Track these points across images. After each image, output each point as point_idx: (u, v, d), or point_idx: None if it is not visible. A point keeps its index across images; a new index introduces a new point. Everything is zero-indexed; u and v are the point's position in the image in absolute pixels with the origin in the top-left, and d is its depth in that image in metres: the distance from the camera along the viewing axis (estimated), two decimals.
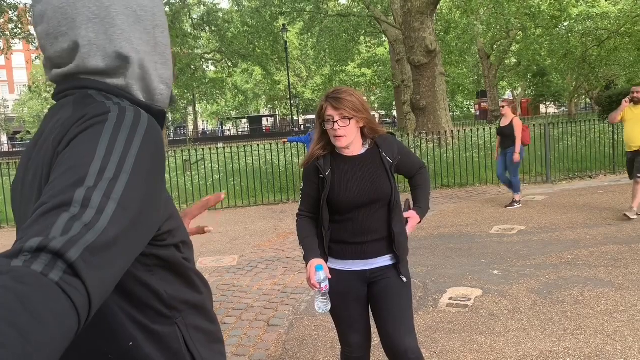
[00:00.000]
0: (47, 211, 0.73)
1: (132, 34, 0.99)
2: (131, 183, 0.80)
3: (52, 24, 0.97)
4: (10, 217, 10.22)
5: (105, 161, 0.80)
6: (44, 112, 54.25)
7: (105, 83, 0.98)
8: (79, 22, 0.96)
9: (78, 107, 0.93)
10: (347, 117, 2.34)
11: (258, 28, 26.47)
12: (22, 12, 21.56)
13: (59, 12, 0.96)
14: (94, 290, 0.68)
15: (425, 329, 3.96)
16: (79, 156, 0.81)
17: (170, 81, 1.05)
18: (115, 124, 0.86)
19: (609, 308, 4.11)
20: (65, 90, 1.00)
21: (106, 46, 0.97)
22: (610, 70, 35.75)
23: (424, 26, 14.42)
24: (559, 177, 11.22)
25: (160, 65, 1.03)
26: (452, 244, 6.44)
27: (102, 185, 0.77)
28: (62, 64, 1.00)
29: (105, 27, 0.96)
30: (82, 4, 0.96)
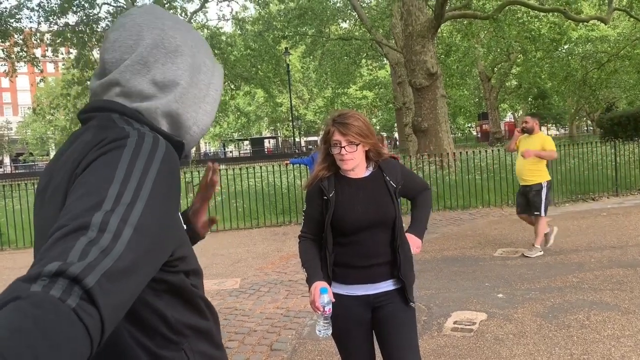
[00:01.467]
0: (65, 234, 0.74)
1: (188, 73, 1.05)
2: (148, 209, 0.81)
3: (125, 35, 1.03)
4: (12, 239, 10.19)
5: (123, 186, 0.81)
6: (47, 135, 54.60)
7: (131, 107, 1.01)
8: (145, 43, 1.02)
9: (99, 130, 0.96)
10: (354, 143, 2.35)
11: (261, 51, 26.73)
12: (27, 35, 21.82)
13: (137, 28, 1.03)
14: (108, 317, 0.69)
15: (430, 353, 3.92)
16: (97, 180, 0.83)
17: (205, 129, 1.10)
18: (134, 149, 0.87)
19: (616, 332, 4.06)
20: (90, 111, 1.03)
21: (155, 75, 1.02)
22: (611, 93, 35.97)
23: (425, 49, 14.55)
24: (561, 199, 11.19)
25: (203, 112, 1.08)
26: (455, 267, 6.39)
27: (119, 210, 0.78)
28: (107, 72, 1.04)
29: (165, 61, 1.03)
30: (170, 30, 1.05)
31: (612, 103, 38.49)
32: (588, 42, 28.80)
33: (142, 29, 1.03)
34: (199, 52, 1.09)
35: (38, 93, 49.48)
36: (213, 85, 1.10)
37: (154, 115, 1.02)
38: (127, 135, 0.90)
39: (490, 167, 11.87)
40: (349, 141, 2.34)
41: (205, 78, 1.09)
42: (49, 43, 22.22)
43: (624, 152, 12.41)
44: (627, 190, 11.81)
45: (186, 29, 1.09)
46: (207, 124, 1.09)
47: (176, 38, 1.05)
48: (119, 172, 0.83)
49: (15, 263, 8.48)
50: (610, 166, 12.03)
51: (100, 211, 0.77)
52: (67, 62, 24.63)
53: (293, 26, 25.11)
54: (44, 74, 23.76)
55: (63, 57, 24.89)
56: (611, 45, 28.06)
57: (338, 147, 2.36)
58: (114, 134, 0.92)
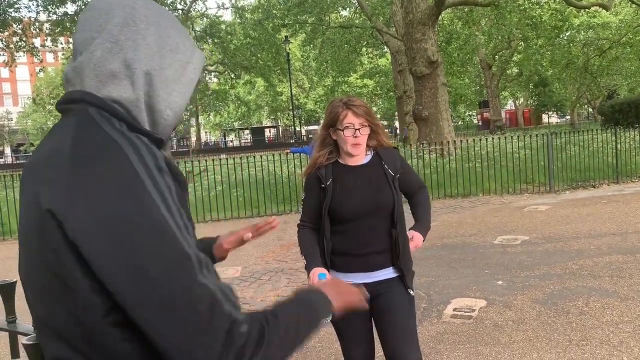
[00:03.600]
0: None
1: (159, 53, 1.00)
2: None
3: (95, 14, 0.99)
4: (14, 229, 10.23)
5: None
6: (47, 125, 54.51)
7: (108, 100, 0.96)
8: (115, 21, 0.98)
9: (77, 136, 0.92)
10: (365, 125, 2.38)
11: (261, 40, 26.65)
12: (26, 25, 21.74)
13: (107, 6, 0.99)
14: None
15: (429, 340, 3.94)
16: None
17: (179, 111, 1.04)
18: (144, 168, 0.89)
19: (615, 318, 4.09)
20: (66, 102, 0.98)
21: (127, 54, 0.97)
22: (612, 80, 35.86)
23: (425, 37, 14.49)
24: (562, 186, 11.19)
25: (177, 93, 1.02)
26: (455, 254, 6.42)
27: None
28: (78, 54, 0.99)
29: (136, 38, 0.98)
30: (141, 9, 1.00)
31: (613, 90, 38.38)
32: (589, 29, 28.66)
33: (112, 7, 0.99)
34: (174, 32, 1.04)
35: (38, 83, 49.38)
36: (191, 64, 1.05)
37: (137, 103, 0.97)
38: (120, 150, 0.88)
39: (490, 155, 11.87)
40: (362, 124, 2.37)
41: (181, 57, 1.03)
42: (48, 32, 22.15)
43: (624, 139, 12.39)
44: (627, 177, 11.80)
45: (159, 8, 1.05)
46: (181, 107, 1.03)
47: (148, 17, 1.00)
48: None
49: (16, 253, 8.49)
50: (611, 153, 12.02)
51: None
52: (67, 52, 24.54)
53: (293, 14, 25.00)
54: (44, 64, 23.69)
55: (62, 47, 24.79)
56: (613, 32, 27.93)
57: (351, 129, 2.37)
58: (93, 146, 0.89)
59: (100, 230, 0.83)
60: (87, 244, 0.84)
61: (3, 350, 4.18)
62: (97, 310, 0.86)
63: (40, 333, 0.96)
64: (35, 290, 0.93)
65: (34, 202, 0.90)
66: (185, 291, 0.83)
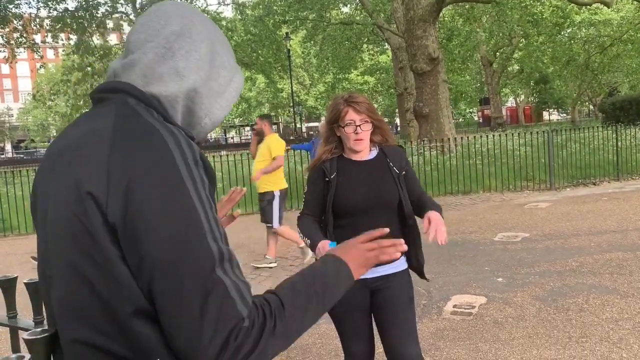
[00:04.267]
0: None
1: (209, 66, 1.06)
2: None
3: (154, 19, 1.05)
4: (14, 225, 10.24)
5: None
6: (48, 121, 54.51)
7: (148, 93, 1.00)
8: (171, 29, 1.03)
9: (120, 122, 0.95)
10: (367, 121, 2.38)
11: (261, 36, 26.57)
12: (27, 21, 21.70)
13: (165, 14, 1.05)
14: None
15: (429, 336, 3.95)
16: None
17: (216, 123, 1.09)
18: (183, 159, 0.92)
19: (614, 315, 4.09)
20: (105, 91, 1.02)
21: (178, 62, 1.02)
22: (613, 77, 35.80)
23: (426, 34, 14.46)
24: (562, 184, 11.19)
25: (219, 106, 1.08)
26: (456, 251, 6.42)
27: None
28: (130, 53, 1.04)
29: (189, 49, 1.03)
30: (198, 24, 1.06)
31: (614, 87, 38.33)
32: (591, 26, 28.60)
33: (170, 16, 1.04)
34: (222, 49, 1.11)
35: (38, 79, 49.33)
36: (234, 83, 1.11)
37: (174, 103, 1.01)
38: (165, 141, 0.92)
39: (491, 153, 11.86)
40: (363, 120, 2.38)
41: (226, 74, 1.10)
42: (49, 29, 22.12)
43: (625, 136, 12.38)
44: (628, 174, 11.80)
45: (213, 26, 1.12)
46: (220, 119, 1.09)
47: (202, 32, 1.06)
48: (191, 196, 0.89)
49: (17, 249, 8.52)
50: (612, 151, 12.01)
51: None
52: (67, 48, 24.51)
53: (294, 11, 24.95)
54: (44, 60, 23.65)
55: (63, 43, 24.77)
56: (614, 29, 27.87)
57: (353, 126, 2.38)
58: (139, 135, 0.93)
59: (135, 216, 0.86)
60: (121, 228, 0.87)
61: (3, 346, 4.19)
62: (130, 294, 0.88)
63: (59, 316, 0.97)
64: (61, 272, 0.95)
65: (72, 185, 0.92)
66: (201, 283, 0.86)
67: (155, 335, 0.90)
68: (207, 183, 0.94)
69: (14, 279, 1.62)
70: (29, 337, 1.01)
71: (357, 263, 1.12)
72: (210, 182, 0.96)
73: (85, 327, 0.92)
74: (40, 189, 1.03)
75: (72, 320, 0.94)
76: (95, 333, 0.92)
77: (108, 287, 0.89)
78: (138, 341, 0.90)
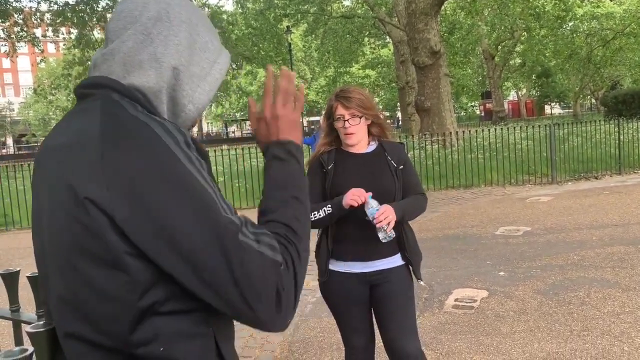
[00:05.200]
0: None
1: (189, 50, 1.04)
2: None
3: (131, 6, 1.03)
4: (16, 220, 10.25)
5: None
6: (49, 115, 54.51)
7: (130, 86, 0.99)
8: (149, 15, 1.02)
9: (105, 119, 0.94)
10: (357, 116, 2.38)
11: (262, 30, 26.50)
12: (27, 15, 21.64)
13: (143, 1, 1.03)
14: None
15: (430, 330, 3.96)
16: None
17: (201, 108, 1.07)
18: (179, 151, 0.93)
19: (616, 309, 4.09)
20: (88, 87, 1.01)
21: (157, 47, 1.00)
22: (616, 71, 35.67)
23: (428, 27, 14.40)
24: (564, 177, 11.18)
25: (202, 90, 1.06)
26: (457, 245, 6.42)
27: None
28: (110, 42, 1.03)
29: (168, 34, 1.02)
30: (176, 6, 1.04)
31: (616, 81, 38.20)
32: (593, 19, 28.47)
33: (148, 2, 1.03)
34: (204, 31, 1.08)
35: (39, 73, 49.31)
36: (218, 65, 1.09)
37: (158, 94, 1.00)
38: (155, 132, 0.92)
39: (493, 146, 11.84)
40: (352, 114, 2.38)
41: (209, 56, 1.07)
42: (49, 23, 22.06)
43: (627, 130, 12.35)
44: (630, 168, 11.78)
45: (192, 7, 1.09)
46: (204, 103, 1.07)
47: (182, 14, 1.04)
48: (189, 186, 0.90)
49: (19, 243, 8.54)
50: (614, 145, 11.98)
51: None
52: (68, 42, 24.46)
53: (295, 4, 24.89)
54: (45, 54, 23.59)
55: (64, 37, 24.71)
56: (616, 22, 27.74)
57: (342, 121, 2.39)
58: (126, 130, 0.92)
59: (147, 212, 0.86)
60: (129, 225, 0.87)
61: (6, 340, 4.20)
62: (135, 288, 0.89)
63: (57, 312, 0.98)
64: (60, 272, 0.95)
65: (66, 189, 0.91)
66: (232, 254, 0.88)
67: (162, 327, 0.91)
68: (204, 163, 0.95)
69: (17, 272, 1.62)
70: (32, 330, 1.02)
71: (294, 131, 1.12)
72: (206, 162, 0.97)
73: (83, 324, 0.93)
74: (35, 189, 1.03)
75: (70, 316, 0.95)
76: (93, 330, 0.92)
77: (114, 285, 0.89)
78: (140, 337, 0.91)
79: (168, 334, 0.92)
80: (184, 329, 0.94)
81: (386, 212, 2.25)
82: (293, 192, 1.05)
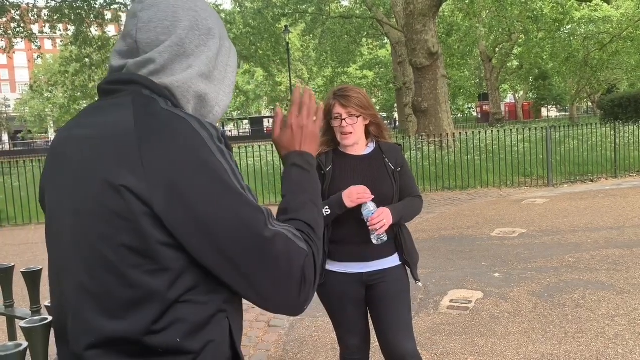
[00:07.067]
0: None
1: (215, 56, 1.08)
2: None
3: (160, 15, 1.04)
4: (11, 216, 10.22)
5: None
6: (45, 112, 54.31)
7: (160, 84, 1.01)
8: (182, 25, 1.04)
9: (141, 113, 0.96)
10: (354, 115, 2.36)
11: (260, 29, 26.46)
12: (24, 11, 21.57)
13: (172, 9, 1.05)
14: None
15: (425, 331, 3.96)
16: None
17: (224, 109, 1.12)
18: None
19: (610, 312, 4.10)
20: (118, 83, 1.03)
21: (189, 58, 1.04)
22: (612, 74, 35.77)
23: (426, 28, 14.42)
24: (560, 180, 11.21)
25: (223, 93, 1.11)
26: (453, 246, 6.43)
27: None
28: (142, 52, 1.04)
29: (199, 43, 1.06)
30: (201, 12, 1.08)
31: (613, 85, 38.29)
32: (590, 23, 28.51)
33: (177, 10, 1.04)
34: (221, 33, 1.12)
35: (36, 70, 49.12)
36: (230, 67, 1.13)
37: (185, 92, 1.03)
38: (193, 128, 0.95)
39: (489, 148, 11.86)
40: (350, 113, 2.36)
41: (224, 60, 1.11)
42: (47, 19, 21.98)
43: (624, 133, 12.39)
44: (626, 172, 11.82)
45: (211, 10, 1.13)
46: (226, 105, 1.12)
47: (208, 20, 1.08)
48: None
49: (14, 239, 8.52)
50: (610, 148, 12.02)
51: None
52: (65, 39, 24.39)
53: (293, 4, 24.87)
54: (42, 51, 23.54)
55: (61, 34, 24.65)
56: (614, 25, 27.80)
57: (339, 120, 2.38)
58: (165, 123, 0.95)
59: (185, 202, 0.90)
60: (166, 214, 0.89)
61: (0, 335, 4.19)
62: (165, 277, 0.92)
63: (77, 300, 0.97)
64: (86, 260, 0.96)
65: (98, 178, 0.93)
66: (266, 242, 0.94)
67: (182, 317, 0.94)
68: (232, 156, 1.00)
69: (11, 268, 1.61)
70: (27, 325, 1.01)
71: (313, 143, 1.22)
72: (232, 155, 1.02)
73: (102, 314, 0.94)
74: (53, 179, 1.04)
75: (88, 305, 0.95)
76: (112, 319, 0.93)
77: (144, 274, 0.91)
78: (161, 327, 0.92)
79: (187, 324, 0.94)
80: (201, 319, 0.96)
81: (381, 216, 2.26)
82: (312, 197, 1.12)
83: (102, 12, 22.21)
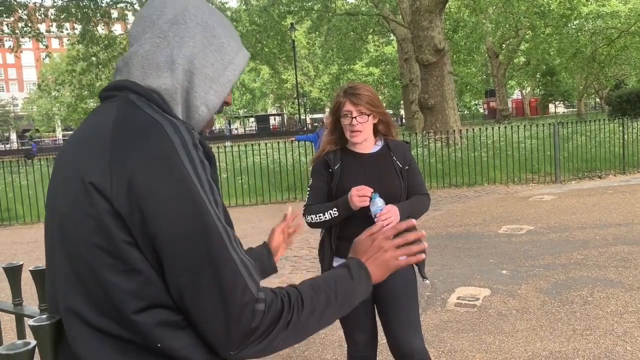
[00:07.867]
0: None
1: (203, 52, 1.07)
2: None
3: (150, 10, 1.07)
4: (19, 215, 10.28)
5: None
6: (52, 111, 54.62)
7: (147, 88, 1.02)
8: (166, 18, 1.06)
9: (118, 125, 0.97)
10: (365, 113, 2.36)
11: (266, 27, 26.45)
12: (31, 10, 21.67)
13: (161, 3, 1.07)
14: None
15: (433, 328, 3.95)
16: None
17: (213, 109, 1.10)
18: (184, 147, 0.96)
19: (619, 309, 4.08)
20: (110, 90, 1.05)
21: (173, 50, 1.04)
22: (620, 70, 35.54)
23: (432, 25, 14.36)
24: (568, 176, 11.15)
25: (214, 92, 1.08)
26: (460, 243, 6.41)
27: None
28: (130, 46, 1.07)
29: (183, 36, 1.05)
30: (192, 9, 1.08)
31: (621, 80, 38.05)
32: (598, 18, 28.35)
33: (165, 5, 1.07)
34: (221, 32, 1.10)
35: (43, 69, 49.37)
36: (233, 65, 1.11)
37: (173, 95, 1.03)
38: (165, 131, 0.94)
39: (496, 145, 11.81)
40: (360, 111, 2.36)
41: (224, 58, 1.10)
42: (54, 18, 22.08)
43: (632, 129, 12.30)
44: (634, 168, 11.74)
45: (209, 8, 1.12)
46: (216, 104, 1.09)
47: (197, 16, 1.07)
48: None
49: (23, 238, 8.57)
50: (618, 144, 11.94)
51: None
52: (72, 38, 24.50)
53: (298, 1, 24.85)
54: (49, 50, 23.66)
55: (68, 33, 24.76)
56: (622, 21, 27.61)
57: (349, 118, 2.37)
58: (138, 123, 0.96)
59: (141, 201, 0.90)
60: (128, 214, 0.90)
61: (9, 334, 4.21)
62: (134, 277, 0.92)
63: (63, 288, 0.99)
64: (67, 256, 0.98)
65: (76, 177, 0.96)
66: (211, 258, 0.90)
67: (158, 319, 0.93)
68: (208, 166, 0.97)
69: (20, 266, 1.62)
70: (36, 324, 1.02)
71: (379, 270, 1.16)
72: (211, 165, 0.99)
73: (84, 303, 0.95)
74: (53, 182, 1.08)
75: (72, 293, 0.97)
76: (92, 309, 0.94)
77: (114, 273, 0.92)
78: (137, 326, 0.93)
79: (164, 326, 0.94)
80: (177, 321, 0.96)
81: (389, 213, 2.25)
82: (334, 295, 1.06)
83: (109, 10, 22.29)
